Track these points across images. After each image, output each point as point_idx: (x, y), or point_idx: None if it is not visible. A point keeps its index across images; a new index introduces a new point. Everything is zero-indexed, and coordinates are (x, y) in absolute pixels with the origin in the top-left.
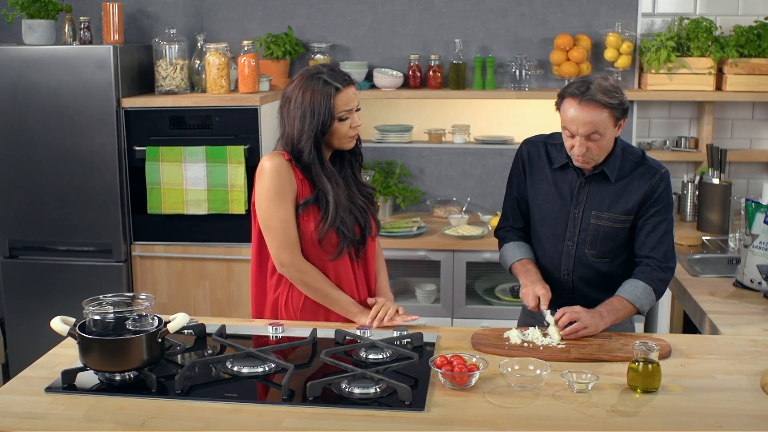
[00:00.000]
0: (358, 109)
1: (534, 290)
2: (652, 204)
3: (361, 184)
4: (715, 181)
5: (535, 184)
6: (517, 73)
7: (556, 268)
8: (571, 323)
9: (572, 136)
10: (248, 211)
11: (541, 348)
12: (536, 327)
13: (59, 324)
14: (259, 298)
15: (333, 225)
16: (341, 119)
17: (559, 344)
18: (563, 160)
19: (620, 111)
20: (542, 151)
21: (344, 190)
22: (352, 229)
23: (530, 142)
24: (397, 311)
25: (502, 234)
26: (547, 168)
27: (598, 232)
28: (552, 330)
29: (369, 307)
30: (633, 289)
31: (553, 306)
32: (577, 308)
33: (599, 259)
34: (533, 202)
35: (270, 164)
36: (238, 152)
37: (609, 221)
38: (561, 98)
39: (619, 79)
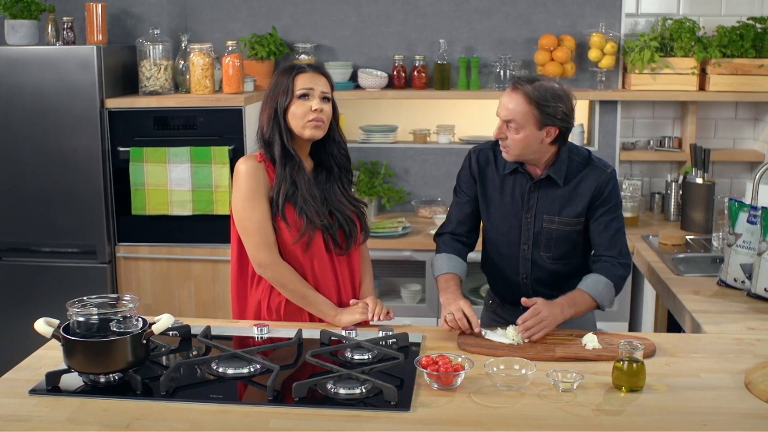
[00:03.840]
0: (326, 99)
1: (459, 305)
2: (601, 204)
3: (351, 197)
4: (699, 180)
5: (487, 191)
6: (502, 73)
7: (515, 272)
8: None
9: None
10: None
11: (513, 346)
12: (510, 327)
13: (43, 326)
14: (241, 302)
15: (291, 200)
16: (300, 97)
17: (524, 341)
18: (513, 166)
19: (547, 116)
20: (491, 157)
21: (313, 184)
22: (321, 219)
23: (479, 150)
24: (388, 312)
25: (439, 240)
26: (495, 174)
27: (551, 236)
28: (511, 332)
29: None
30: (595, 284)
31: (516, 306)
32: (539, 305)
33: (555, 262)
34: (485, 209)
35: (243, 167)
36: (222, 153)
37: (560, 224)
38: None
39: (603, 78)
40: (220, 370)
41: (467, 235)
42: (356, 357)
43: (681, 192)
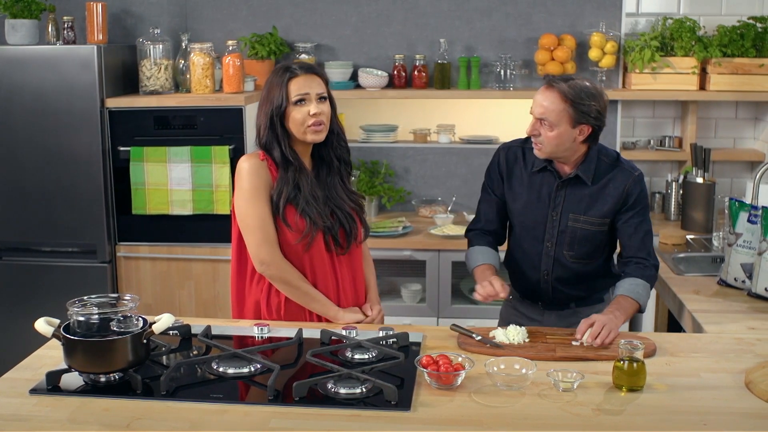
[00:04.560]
0: (323, 99)
1: (490, 280)
2: (630, 207)
3: (350, 191)
4: (699, 180)
5: (514, 188)
6: (502, 72)
7: (536, 269)
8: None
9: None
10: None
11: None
12: (511, 326)
13: (43, 325)
14: (240, 301)
15: (293, 202)
16: (296, 103)
17: (524, 340)
18: (541, 164)
19: (582, 114)
20: (519, 155)
21: (316, 184)
22: (324, 220)
23: (507, 148)
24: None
25: (470, 236)
26: (524, 172)
27: (576, 235)
28: (512, 332)
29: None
30: (634, 287)
31: (534, 302)
32: (590, 317)
33: (578, 261)
34: (512, 206)
35: (246, 165)
36: (222, 152)
37: (586, 224)
38: None
39: (603, 78)
40: (221, 369)
41: (495, 232)
42: (357, 356)
43: (681, 191)
